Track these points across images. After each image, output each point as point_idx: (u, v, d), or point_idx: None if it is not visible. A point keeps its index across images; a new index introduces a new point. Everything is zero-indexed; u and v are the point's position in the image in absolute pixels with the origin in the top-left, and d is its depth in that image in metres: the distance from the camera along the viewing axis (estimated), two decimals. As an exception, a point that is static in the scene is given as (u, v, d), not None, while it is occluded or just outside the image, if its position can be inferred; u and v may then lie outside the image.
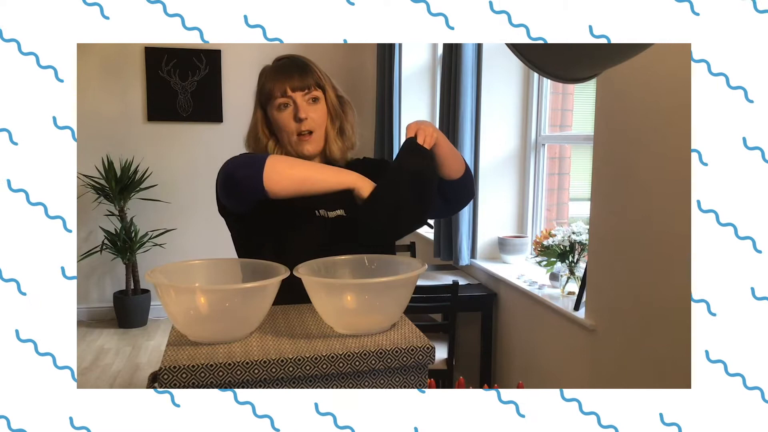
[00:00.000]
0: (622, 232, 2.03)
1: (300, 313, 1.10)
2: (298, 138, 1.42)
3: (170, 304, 0.96)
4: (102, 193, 4.49)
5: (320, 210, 1.41)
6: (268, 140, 1.47)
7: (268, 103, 1.44)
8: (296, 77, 1.41)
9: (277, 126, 1.44)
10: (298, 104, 1.41)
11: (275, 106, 1.42)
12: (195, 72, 4.73)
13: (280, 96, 1.41)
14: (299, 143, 1.42)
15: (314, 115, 1.43)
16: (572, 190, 3.28)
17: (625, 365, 2.06)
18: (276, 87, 1.41)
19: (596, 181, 2.17)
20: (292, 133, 1.42)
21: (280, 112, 1.42)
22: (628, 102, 1.97)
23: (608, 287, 2.12)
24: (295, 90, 1.41)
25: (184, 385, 0.86)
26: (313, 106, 1.43)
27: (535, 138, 3.16)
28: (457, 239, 3.16)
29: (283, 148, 1.46)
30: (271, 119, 1.45)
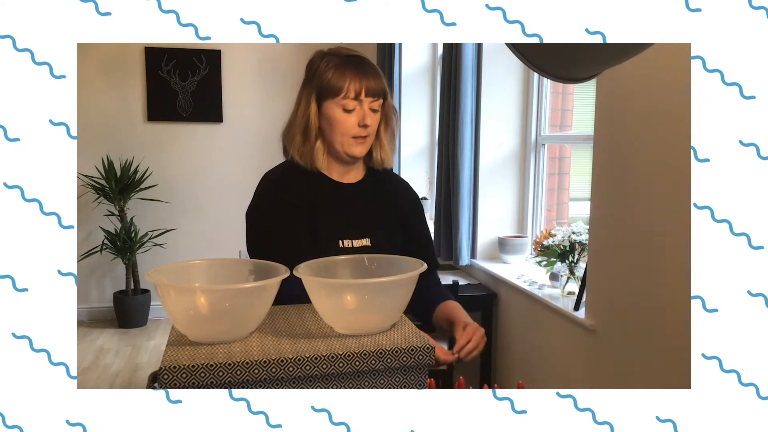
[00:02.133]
0: (622, 232, 2.03)
1: (300, 313, 1.10)
2: (353, 140, 1.37)
3: (170, 304, 0.96)
4: (102, 193, 4.49)
5: (344, 240, 1.38)
6: (318, 138, 1.40)
7: (330, 98, 1.35)
8: (372, 80, 1.35)
9: (334, 125, 1.37)
10: (365, 110, 1.35)
11: (339, 104, 1.34)
12: (195, 72, 4.73)
13: (352, 97, 1.33)
14: (352, 145, 1.37)
15: (374, 124, 1.39)
16: (572, 190, 3.28)
17: (625, 365, 2.06)
18: (351, 86, 1.33)
19: (596, 181, 2.17)
20: (347, 135, 1.36)
21: (342, 112, 1.35)
22: (628, 102, 1.97)
23: (608, 287, 2.12)
24: (368, 95, 1.34)
25: (184, 385, 0.86)
26: (374, 115, 1.38)
27: (535, 138, 3.16)
28: (457, 239, 3.16)
29: (330, 146, 1.40)
30: (325, 115, 1.37)
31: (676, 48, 1.70)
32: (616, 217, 2.06)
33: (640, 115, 1.92)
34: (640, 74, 1.89)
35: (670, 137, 1.79)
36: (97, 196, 4.52)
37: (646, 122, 1.90)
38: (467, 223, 3.17)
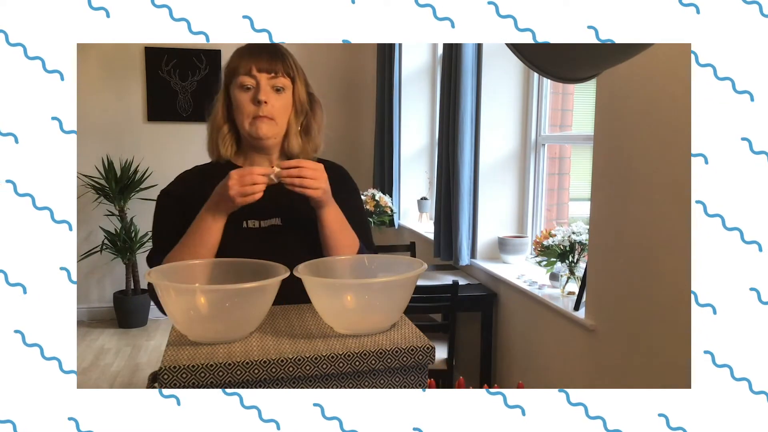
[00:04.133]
0: (622, 232, 2.03)
1: (300, 313, 1.10)
2: (253, 120, 1.33)
3: (170, 304, 0.96)
4: (102, 193, 4.49)
5: (249, 221, 1.34)
6: (224, 124, 1.38)
7: (231, 81, 1.35)
8: (265, 58, 1.33)
9: (236, 107, 1.34)
10: (261, 86, 1.32)
11: (237, 85, 1.33)
12: (195, 72, 4.73)
13: (243, 74, 1.32)
14: (253, 124, 1.33)
15: (277, 104, 1.34)
16: (572, 190, 3.28)
17: (625, 365, 2.06)
18: (241, 64, 1.32)
19: (596, 181, 2.17)
20: (248, 116, 1.33)
21: (241, 92, 1.33)
22: (628, 102, 1.97)
23: (608, 287, 2.12)
24: (261, 71, 1.32)
25: (184, 385, 0.86)
26: (276, 95, 1.34)
27: (535, 138, 3.16)
28: (457, 239, 3.16)
29: (240, 132, 1.37)
30: (231, 100, 1.36)
31: (677, 48, 1.70)
32: (616, 217, 2.06)
33: (640, 115, 1.92)
34: (640, 74, 1.89)
35: (669, 137, 1.79)
36: (97, 196, 4.52)
37: (646, 122, 1.90)
38: (467, 223, 3.17)
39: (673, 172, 1.78)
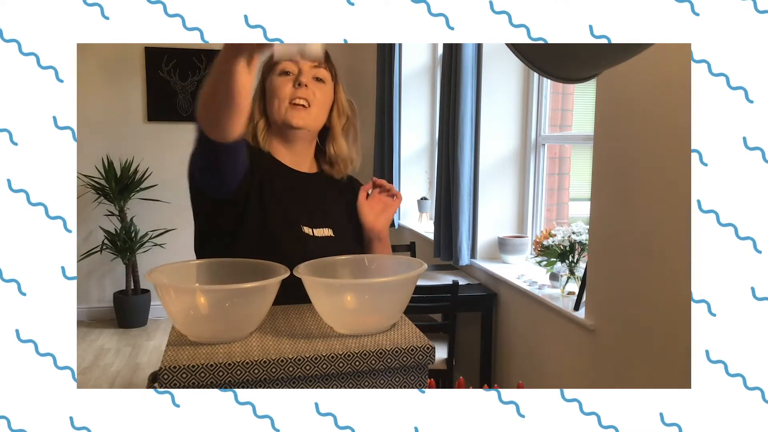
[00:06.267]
0: (622, 232, 2.03)
1: (300, 313, 1.10)
2: (290, 105, 1.25)
3: (170, 304, 0.96)
4: (102, 193, 4.49)
5: (304, 227, 1.29)
6: (260, 118, 1.30)
7: (270, 71, 1.28)
8: (309, 48, 1.26)
9: (272, 92, 1.26)
10: (303, 71, 1.24)
11: (277, 72, 1.26)
12: (195, 72, 4.73)
13: (286, 60, 1.22)
14: (290, 110, 1.25)
15: (317, 92, 1.27)
16: (572, 190, 3.28)
17: (625, 365, 2.06)
18: (284, 52, 1.24)
19: (596, 181, 2.17)
20: (285, 99, 1.25)
21: (280, 77, 1.26)
22: (628, 102, 1.97)
23: (608, 287, 2.12)
24: (305, 58, 1.21)
25: (184, 385, 0.86)
26: (318, 84, 1.28)
27: (535, 138, 3.16)
28: (457, 239, 3.16)
29: (271, 118, 1.29)
30: (267, 90, 1.29)
31: (677, 48, 1.70)
32: (616, 217, 2.06)
33: (640, 115, 1.92)
34: (640, 74, 1.89)
35: (669, 137, 1.79)
36: (97, 196, 4.52)
37: (646, 122, 1.90)
38: (467, 223, 3.16)
39: (673, 172, 1.78)
